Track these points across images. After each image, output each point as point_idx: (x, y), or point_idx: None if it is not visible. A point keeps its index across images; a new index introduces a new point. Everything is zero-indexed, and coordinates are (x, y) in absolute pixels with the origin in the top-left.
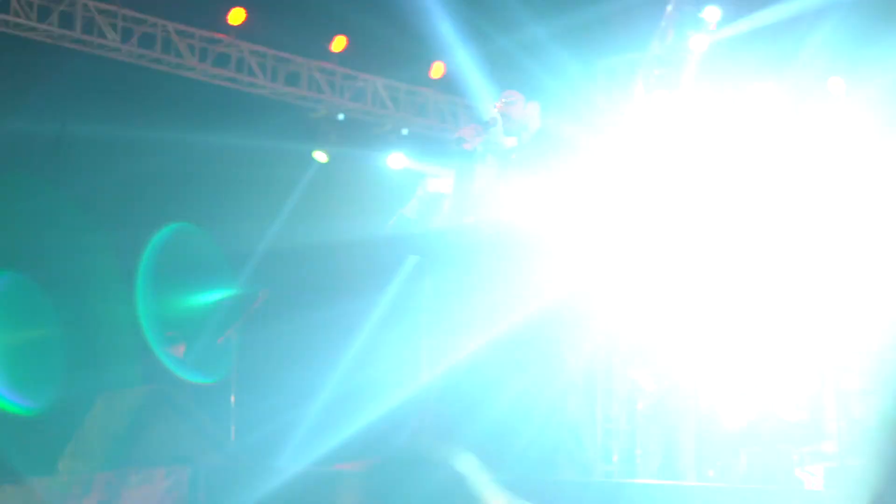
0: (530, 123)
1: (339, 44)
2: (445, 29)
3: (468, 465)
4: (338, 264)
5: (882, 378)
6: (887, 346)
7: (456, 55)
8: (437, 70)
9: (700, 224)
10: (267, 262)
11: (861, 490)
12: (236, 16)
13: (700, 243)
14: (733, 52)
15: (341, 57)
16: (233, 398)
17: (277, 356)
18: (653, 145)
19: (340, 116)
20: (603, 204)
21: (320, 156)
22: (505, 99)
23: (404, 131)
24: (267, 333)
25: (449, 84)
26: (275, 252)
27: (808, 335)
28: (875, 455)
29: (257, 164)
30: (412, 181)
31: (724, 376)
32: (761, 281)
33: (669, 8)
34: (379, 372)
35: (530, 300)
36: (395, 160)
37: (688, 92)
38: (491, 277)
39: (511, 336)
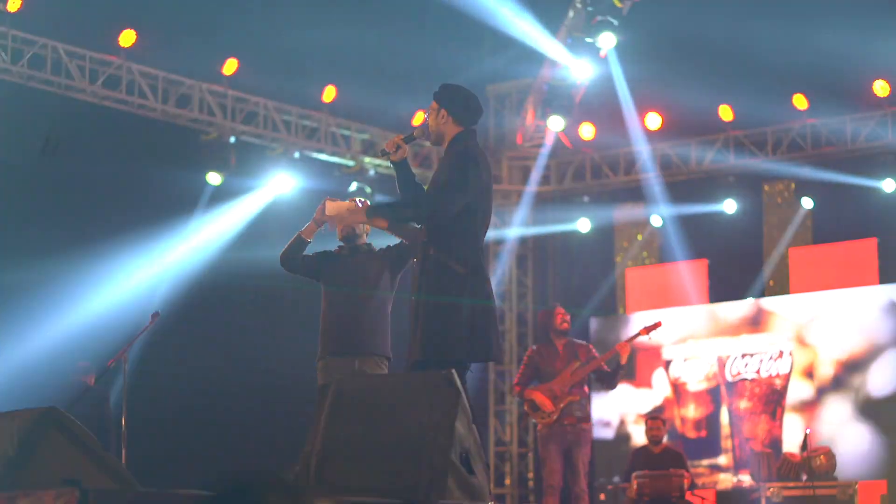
0: (446, 131)
1: (230, 66)
2: (338, 52)
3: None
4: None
5: None
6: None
7: (348, 79)
8: (328, 94)
9: None
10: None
11: None
12: (127, 38)
13: None
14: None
15: (232, 80)
16: (123, 420)
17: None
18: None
19: (232, 139)
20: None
21: (214, 178)
22: (428, 109)
23: (296, 155)
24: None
25: (341, 108)
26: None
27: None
28: None
29: (150, 187)
30: (307, 204)
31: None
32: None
33: (561, 34)
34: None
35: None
36: (284, 183)
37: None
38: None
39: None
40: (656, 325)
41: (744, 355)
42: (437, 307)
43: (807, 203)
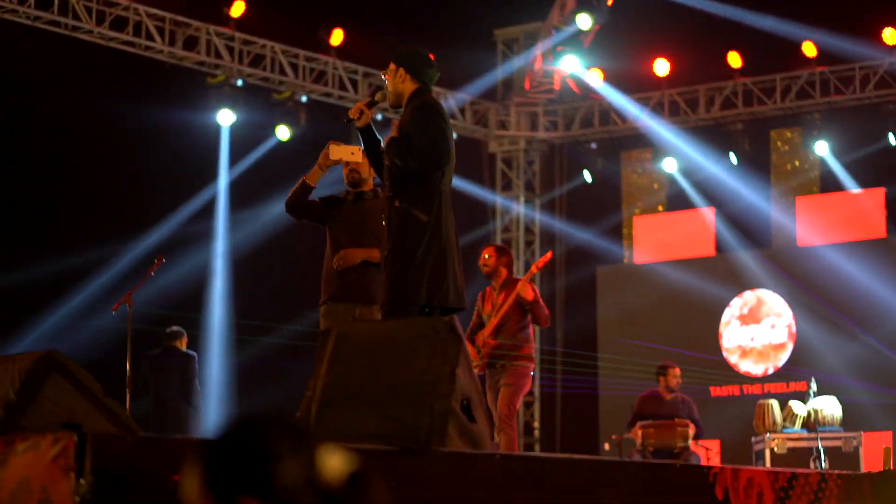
0: (404, 90)
1: (237, 8)
2: None
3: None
4: None
5: None
6: None
7: (356, 21)
8: (336, 37)
9: None
10: None
11: None
12: None
13: None
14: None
15: (240, 22)
16: (128, 367)
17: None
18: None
19: (239, 83)
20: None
21: (224, 118)
22: (385, 71)
23: (303, 98)
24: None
25: (349, 51)
26: None
27: None
28: None
29: (158, 129)
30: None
31: None
32: None
33: None
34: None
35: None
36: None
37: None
38: None
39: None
40: (546, 259)
41: None
42: (397, 254)
43: (821, 149)
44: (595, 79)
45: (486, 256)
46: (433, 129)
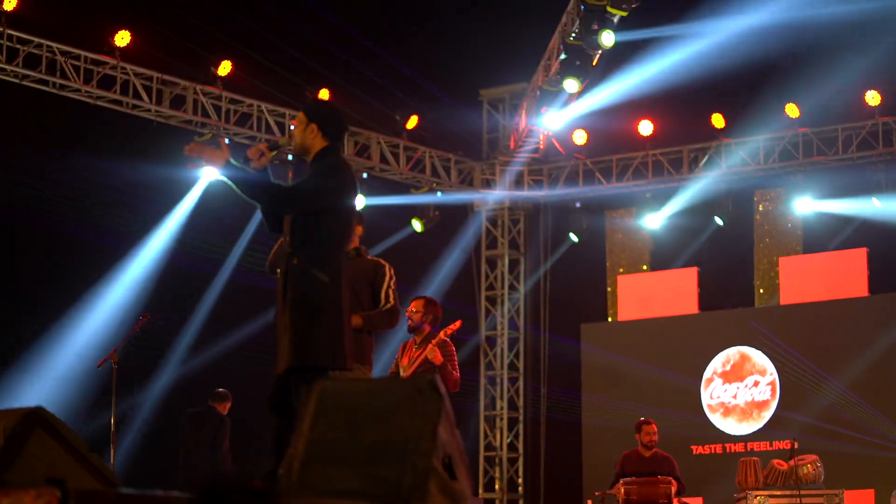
0: (313, 145)
1: (224, 68)
2: (330, 54)
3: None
4: None
5: None
6: None
7: (340, 81)
8: (322, 97)
9: None
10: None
11: None
12: (122, 38)
13: None
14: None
15: (227, 81)
16: (112, 421)
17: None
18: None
19: (226, 141)
20: None
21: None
22: (295, 120)
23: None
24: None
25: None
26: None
27: None
28: None
29: (145, 189)
30: None
31: None
32: None
33: (553, 40)
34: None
35: None
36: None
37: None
38: None
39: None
40: (455, 327)
41: None
42: (300, 315)
43: (803, 209)
44: (580, 138)
45: (413, 310)
46: (320, 182)
